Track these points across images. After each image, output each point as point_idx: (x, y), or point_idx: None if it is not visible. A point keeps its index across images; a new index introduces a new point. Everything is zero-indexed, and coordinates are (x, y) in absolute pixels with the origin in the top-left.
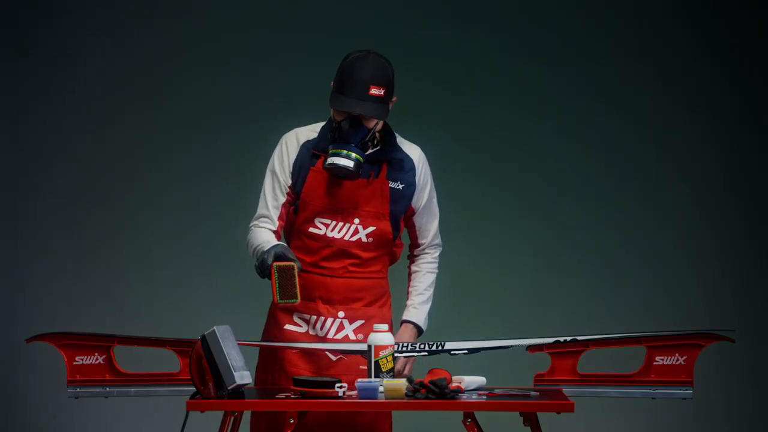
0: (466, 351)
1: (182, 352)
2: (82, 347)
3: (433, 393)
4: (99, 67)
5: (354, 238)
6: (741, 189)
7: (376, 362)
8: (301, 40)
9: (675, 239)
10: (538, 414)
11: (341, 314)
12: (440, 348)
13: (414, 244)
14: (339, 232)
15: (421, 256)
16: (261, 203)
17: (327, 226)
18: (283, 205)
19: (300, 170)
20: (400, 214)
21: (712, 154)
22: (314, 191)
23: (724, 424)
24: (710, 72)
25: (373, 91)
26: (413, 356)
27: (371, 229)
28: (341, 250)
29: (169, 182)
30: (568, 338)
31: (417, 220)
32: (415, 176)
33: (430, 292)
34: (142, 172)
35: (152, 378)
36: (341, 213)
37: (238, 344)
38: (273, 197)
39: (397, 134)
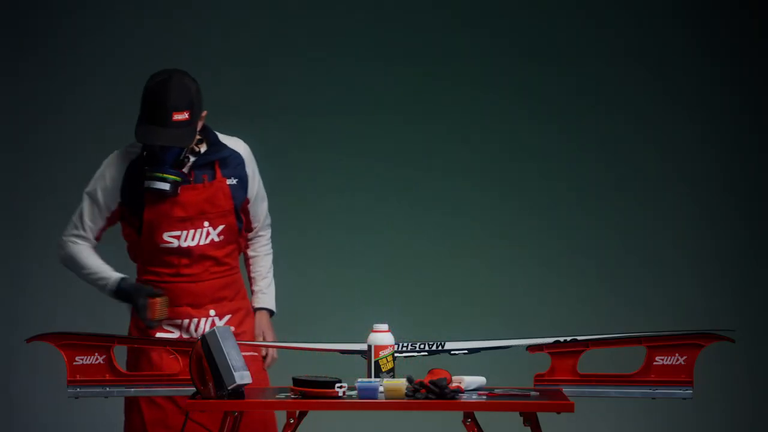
0: (466, 351)
1: (182, 352)
2: (82, 347)
3: (433, 393)
4: (99, 67)
5: (207, 241)
6: (741, 189)
7: (376, 362)
8: (302, 41)
9: (675, 239)
10: (538, 414)
11: (212, 312)
12: (440, 348)
13: (248, 228)
14: (193, 239)
15: (256, 239)
16: (77, 223)
17: (178, 237)
18: (101, 229)
19: (131, 192)
20: (240, 206)
21: (712, 154)
22: (155, 209)
23: (724, 424)
24: (710, 72)
25: (176, 117)
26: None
27: (221, 227)
28: (199, 256)
29: None
30: (568, 338)
31: (252, 207)
32: (245, 169)
33: (271, 274)
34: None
35: (152, 378)
36: (189, 221)
37: (238, 344)
38: (91, 220)
39: (216, 132)
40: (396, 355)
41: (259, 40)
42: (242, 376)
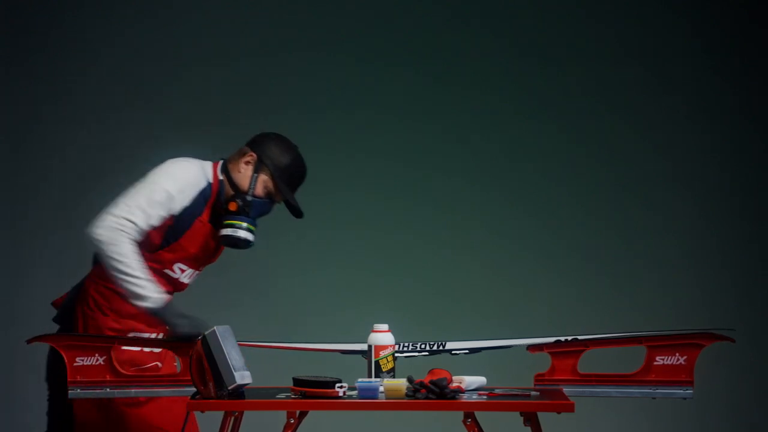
0: (466, 351)
1: (182, 353)
2: (83, 348)
3: (433, 393)
4: (97, 67)
5: (190, 281)
6: (741, 189)
7: (376, 362)
8: (302, 40)
9: (675, 239)
10: (538, 414)
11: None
12: (441, 348)
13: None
14: (189, 278)
15: None
16: (138, 211)
17: (183, 271)
18: (150, 228)
19: (191, 213)
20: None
21: (712, 154)
22: (193, 240)
23: (724, 424)
24: (710, 72)
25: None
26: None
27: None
28: (178, 289)
29: None
30: (569, 338)
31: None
32: None
33: None
34: (141, 171)
35: (152, 378)
36: (198, 263)
37: (238, 344)
38: (155, 219)
39: None
40: (396, 355)
41: (259, 40)
42: (243, 376)
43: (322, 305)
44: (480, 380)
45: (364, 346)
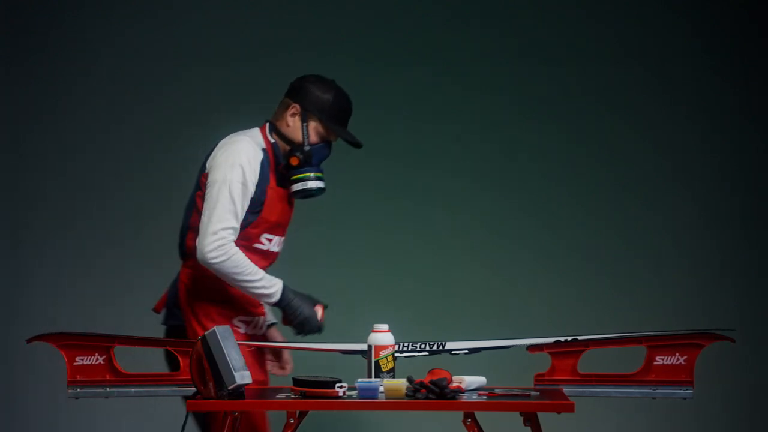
0: (466, 351)
1: (182, 352)
2: (83, 347)
3: (433, 393)
4: (96, 67)
5: (279, 249)
6: (741, 189)
7: (376, 362)
8: (301, 40)
9: (675, 239)
10: (538, 414)
11: (268, 312)
12: (441, 348)
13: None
14: (277, 246)
15: None
16: (229, 214)
17: (270, 241)
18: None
19: (261, 185)
20: None
21: (712, 154)
22: (271, 209)
23: (724, 424)
24: (710, 72)
25: None
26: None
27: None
28: (270, 261)
29: (168, 181)
30: (569, 338)
31: None
32: None
33: None
34: (141, 171)
35: (152, 378)
36: (282, 228)
37: (238, 344)
38: (243, 210)
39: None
40: (396, 355)
41: (259, 40)
42: (242, 376)
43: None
44: (480, 380)
45: (364, 346)
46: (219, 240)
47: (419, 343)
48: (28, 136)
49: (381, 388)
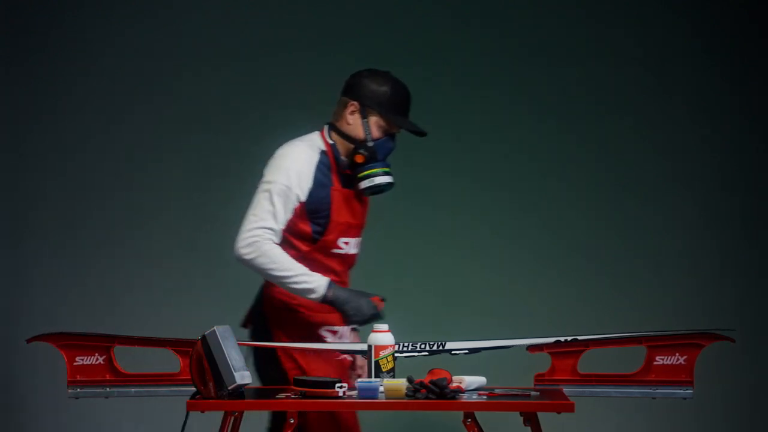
0: (466, 351)
1: (182, 352)
2: (83, 347)
3: (433, 393)
4: (96, 67)
5: (358, 250)
6: (741, 189)
7: (376, 362)
8: (301, 40)
9: (675, 239)
10: (538, 414)
11: None
12: (441, 348)
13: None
14: (354, 248)
15: None
16: (267, 215)
17: (347, 244)
18: (292, 223)
19: (321, 189)
20: None
21: (712, 154)
22: (340, 211)
23: (724, 424)
24: (710, 72)
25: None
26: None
27: (360, 238)
28: (351, 265)
29: (168, 181)
30: (569, 338)
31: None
32: None
33: None
34: (141, 171)
35: (152, 378)
36: (356, 229)
37: (238, 344)
38: (284, 213)
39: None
40: (396, 355)
41: (259, 40)
42: (242, 376)
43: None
44: (480, 380)
45: (364, 346)
46: (252, 237)
47: (419, 343)
48: (28, 136)
49: (381, 388)
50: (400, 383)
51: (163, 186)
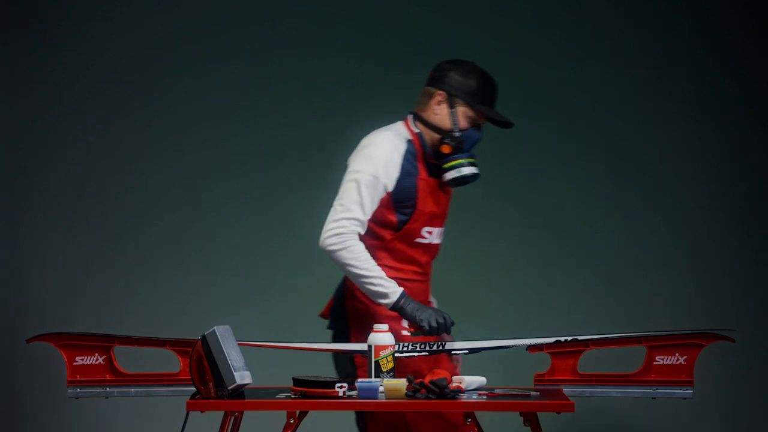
0: (466, 351)
1: (182, 352)
2: (82, 347)
3: (433, 393)
4: (97, 67)
5: (440, 240)
6: (741, 189)
7: (376, 362)
8: (301, 40)
9: (674, 239)
10: (538, 414)
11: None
12: (441, 348)
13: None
14: (438, 237)
15: None
16: (354, 205)
17: (431, 233)
18: (379, 212)
19: (408, 178)
20: None
21: (712, 154)
22: (425, 200)
23: (724, 424)
24: (710, 72)
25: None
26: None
27: (443, 228)
28: (434, 254)
29: (168, 182)
30: (569, 338)
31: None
32: None
33: None
34: (141, 171)
35: (152, 378)
36: (440, 219)
37: (238, 344)
38: (371, 203)
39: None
40: (396, 355)
41: (260, 40)
42: (242, 376)
43: (322, 305)
44: (480, 380)
45: (364, 346)
46: (339, 228)
47: (419, 343)
48: (28, 137)
49: (381, 388)
50: (400, 383)
51: (164, 186)
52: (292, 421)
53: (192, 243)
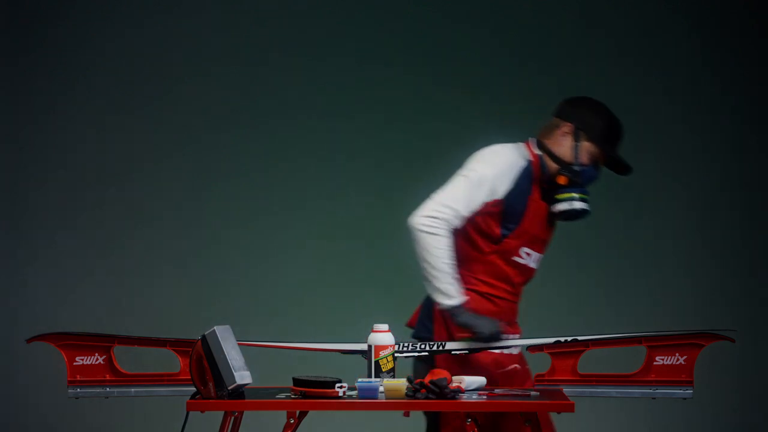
0: (466, 351)
1: (182, 352)
2: (82, 347)
3: (433, 393)
4: (98, 66)
5: (537, 266)
6: (741, 189)
7: (376, 362)
8: (301, 40)
9: (674, 239)
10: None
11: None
12: (441, 348)
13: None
14: (535, 262)
15: None
16: (459, 197)
17: (529, 255)
18: (479, 215)
19: (519, 194)
20: None
21: (712, 154)
22: (533, 221)
23: (724, 424)
24: (710, 72)
25: None
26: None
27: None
28: (528, 277)
29: (169, 182)
30: (569, 338)
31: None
32: None
33: None
34: (142, 171)
35: (152, 378)
36: (541, 244)
37: (238, 344)
38: (475, 202)
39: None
40: (396, 355)
41: (259, 41)
42: (242, 376)
43: (322, 305)
44: (480, 380)
45: (364, 346)
46: (436, 212)
47: (419, 343)
48: (28, 136)
49: (381, 388)
50: (400, 383)
51: (164, 186)
52: (292, 421)
53: (192, 243)
